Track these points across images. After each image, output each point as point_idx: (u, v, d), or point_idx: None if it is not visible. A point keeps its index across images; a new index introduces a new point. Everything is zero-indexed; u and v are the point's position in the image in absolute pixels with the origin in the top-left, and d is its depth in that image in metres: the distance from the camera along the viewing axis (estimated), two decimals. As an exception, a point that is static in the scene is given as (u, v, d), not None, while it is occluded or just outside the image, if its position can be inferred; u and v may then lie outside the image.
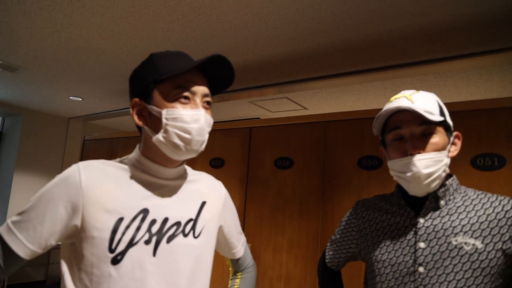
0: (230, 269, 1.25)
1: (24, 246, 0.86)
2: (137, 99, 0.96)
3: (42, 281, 5.20)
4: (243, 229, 2.45)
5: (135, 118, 0.96)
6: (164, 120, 0.90)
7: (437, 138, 1.00)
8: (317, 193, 2.20)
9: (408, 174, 0.99)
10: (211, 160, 2.76)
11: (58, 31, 2.39)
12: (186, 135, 0.90)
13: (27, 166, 5.04)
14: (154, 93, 0.93)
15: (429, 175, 0.97)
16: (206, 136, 0.95)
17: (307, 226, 2.19)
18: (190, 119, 0.90)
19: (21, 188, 4.95)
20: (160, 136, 0.91)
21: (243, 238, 1.23)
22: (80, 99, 4.23)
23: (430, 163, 0.97)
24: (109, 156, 1.06)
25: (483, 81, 2.77)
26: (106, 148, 3.74)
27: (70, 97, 4.17)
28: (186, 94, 0.92)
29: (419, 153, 0.98)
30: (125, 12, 2.08)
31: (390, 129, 1.05)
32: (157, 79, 0.92)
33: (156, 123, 0.93)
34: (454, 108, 1.79)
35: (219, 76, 1.00)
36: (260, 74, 2.93)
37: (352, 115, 2.15)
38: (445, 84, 2.88)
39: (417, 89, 3.02)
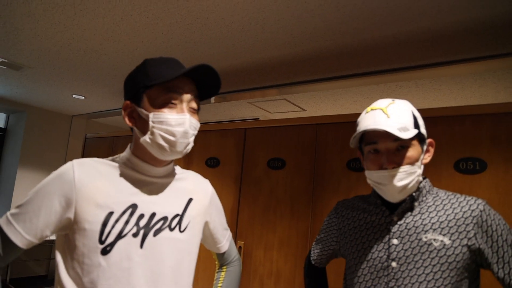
0: (216, 262, 1.32)
1: (22, 236, 0.93)
2: (128, 102, 1.03)
3: (44, 275, 5.29)
4: (236, 227, 2.52)
5: (126, 119, 1.03)
6: (151, 123, 0.97)
7: (411, 151, 1.07)
8: (307, 194, 2.25)
9: (384, 186, 1.07)
10: (207, 160, 2.82)
11: (61, 31, 2.46)
12: (171, 138, 0.96)
13: (31, 162, 5.13)
14: (144, 97, 1.00)
15: (403, 187, 1.05)
16: (191, 139, 1.01)
17: (297, 225, 2.24)
18: (175, 122, 0.96)
19: (24, 184, 5.04)
20: (147, 137, 0.98)
21: (228, 233, 1.30)
22: (83, 98, 4.30)
23: (403, 176, 1.04)
24: (110, 154, 1.12)
25: (477, 86, 2.82)
26: (107, 146, 3.82)
27: (73, 96, 4.25)
28: (172, 99, 0.98)
29: (393, 167, 1.05)
30: (125, 15, 2.14)
31: (367, 143, 1.12)
32: (147, 84, 0.99)
33: (144, 125, 0.99)
34: (439, 114, 1.85)
35: (207, 83, 1.06)
36: (258, 76, 2.99)
37: (342, 118, 2.21)
38: (440, 88, 2.93)
39: (412, 93, 3.08)
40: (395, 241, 1.08)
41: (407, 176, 1.05)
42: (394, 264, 1.07)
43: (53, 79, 3.64)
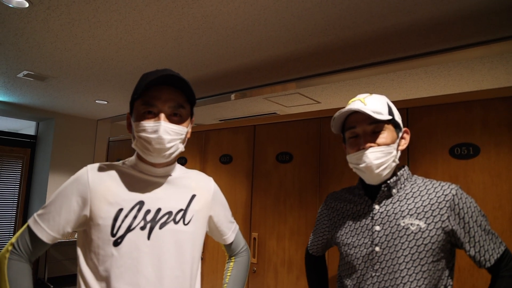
0: (226, 254, 1.44)
1: (47, 233, 1.09)
2: (128, 114, 1.19)
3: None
4: (250, 219, 2.63)
5: (128, 128, 1.19)
6: (134, 131, 1.12)
7: (386, 134, 1.16)
8: (314, 185, 2.34)
9: (362, 165, 1.16)
10: (221, 157, 2.94)
11: (79, 43, 2.63)
12: (147, 144, 1.09)
13: (61, 166, 5.39)
14: (133, 109, 1.14)
15: (379, 165, 1.14)
16: (169, 144, 1.10)
17: (306, 215, 2.34)
18: (151, 130, 1.08)
19: (56, 187, 5.25)
20: (133, 143, 1.13)
21: (234, 226, 1.41)
22: (106, 102, 4.51)
23: (380, 155, 1.13)
24: (132, 155, 1.23)
25: (487, 69, 2.81)
26: (129, 147, 4.00)
27: (96, 101, 4.46)
28: (150, 109, 1.10)
29: (370, 146, 1.14)
30: (136, 24, 2.27)
31: (347, 128, 1.22)
32: (133, 97, 1.12)
33: (133, 133, 1.14)
34: (434, 102, 1.91)
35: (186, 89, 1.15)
36: (269, 73, 3.08)
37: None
38: (450, 74, 2.93)
39: (423, 80, 3.10)
40: (377, 228, 1.18)
41: (383, 155, 1.14)
42: (377, 248, 1.16)
43: (76, 86, 3.85)
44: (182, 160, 3.28)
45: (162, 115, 1.09)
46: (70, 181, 1.12)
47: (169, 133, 1.09)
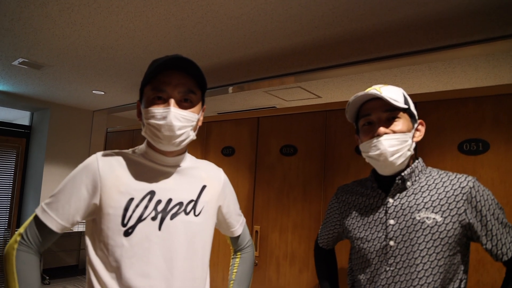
0: (231, 248, 1.40)
1: (56, 222, 1.05)
2: (138, 101, 1.15)
3: (75, 265, 5.54)
4: (252, 212, 2.60)
5: (138, 116, 1.15)
6: (144, 118, 1.08)
7: (401, 122, 1.13)
8: (318, 178, 2.31)
9: (376, 152, 1.12)
10: (223, 149, 2.90)
11: (78, 30, 2.56)
12: (156, 131, 1.05)
13: (56, 157, 5.34)
14: (143, 96, 1.11)
15: (394, 152, 1.11)
16: (180, 131, 1.06)
17: (310, 208, 2.31)
18: (160, 116, 1.04)
19: (51, 177, 5.26)
20: (143, 131, 1.10)
21: (242, 219, 1.38)
22: (103, 93, 4.44)
23: (395, 143, 1.10)
24: (130, 146, 1.19)
25: (491, 67, 2.79)
26: (127, 139, 3.95)
27: (93, 91, 4.38)
28: (159, 94, 1.06)
29: (385, 133, 1.11)
30: (138, 11, 2.21)
31: (362, 116, 1.19)
32: (143, 83, 1.09)
33: (143, 120, 1.10)
34: (443, 97, 1.89)
35: (196, 74, 1.12)
36: (271, 66, 3.04)
37: (350, 104, 2.25)
38: (454, 70, 2.91)
39: (426, 76, 3.07)
40: (391, 221, 1.15)
41: (398, 143, 1.11)
42: (392, 243, 1.13)
43: (73, 76, 3.77)
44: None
45: (172, 101, 1.05)
46: (79, 168, 1.09)
47: (179, 120, 1.05)
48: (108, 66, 3.35)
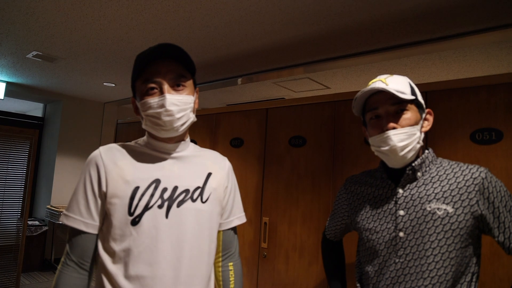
0: (219, 248, 1.30)
1: (81, 221, 1.08)
2: (132, 98, 1.18)
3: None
4: (261, 203, 2.62)
5: (135, 112, 1.18)
6: (141, 111, 1.11)
7: (409, 114, 1.12)
8: (327, 169, 2.31)
9: (386, 147, 1.11)
10: (232, 140, 2.92)
11: (90, 23, 2.59)
12: (156, 120, 1.08)
13: (68, 148, 5.43)
14: (136, 91, 1.13)
15: (404, 147, 1.10)
16: (179, 114, 1.08)
17: (319, 200, 2.32)
18: (157, 105, 1.07)
19: (63, 168, 5.36)
20: (143, 124, 1.13)
21: (240, 214, 1.34)
22: (113, 85, 4.48)
23: (404, 137, 1.09)
24: (139, 137, 1.20)
25: (504, 54, 2.75)
26: (137, 130, 3.99)
27: (104, 83, 4.43)
28: (151, 85, 1.08)
29: (394, 128, 1.10)
30: (147, 4, 2.23)
31: (368, 110, 1.18)
32: (133, 78, 1.12)
33: (141, 114, 1.13)
34: (455, 86, 1.85)
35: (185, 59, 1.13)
36: (279, 57, 3.04)
37: (359, 95, 2.23)
38: (465, 59, 2.88)
39: (436, 65, 3.04)
40: (401, 212, 1.13)
41: (407, 137, 1.10)
42: (401, 234, 1.12)
43: (84, 68, 3.82)
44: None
45: (165, 88, 1.07)
46: (85, 165, 1.12)
47: (176, 104, 1.07)
48: (118, 58, 3.38)
